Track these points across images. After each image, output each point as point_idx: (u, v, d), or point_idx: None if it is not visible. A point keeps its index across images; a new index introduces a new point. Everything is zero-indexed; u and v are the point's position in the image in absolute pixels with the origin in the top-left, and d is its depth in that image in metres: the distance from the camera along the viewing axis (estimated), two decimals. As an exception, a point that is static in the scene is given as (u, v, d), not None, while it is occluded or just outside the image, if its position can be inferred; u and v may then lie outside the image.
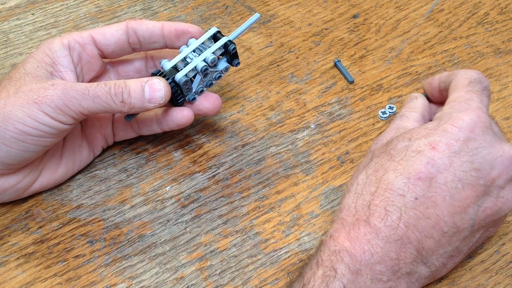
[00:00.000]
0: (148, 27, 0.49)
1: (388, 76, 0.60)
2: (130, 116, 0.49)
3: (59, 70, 0.46)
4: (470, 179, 0.40)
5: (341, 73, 0.59)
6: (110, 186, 0.51)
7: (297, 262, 0.47)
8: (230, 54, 0.50)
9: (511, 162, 0.42)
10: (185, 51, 0.49)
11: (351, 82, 0.59)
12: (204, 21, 0.63)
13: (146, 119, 0.51)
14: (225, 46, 0.50)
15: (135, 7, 0.64)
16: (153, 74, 0.49)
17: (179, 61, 0.49)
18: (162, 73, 0.49)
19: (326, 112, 0.57)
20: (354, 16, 0.64)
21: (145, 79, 0.46)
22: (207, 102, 0.50)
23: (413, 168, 0.40)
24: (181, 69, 0.49)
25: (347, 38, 0.63)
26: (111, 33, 0.48)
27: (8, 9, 0.63)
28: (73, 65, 0.47)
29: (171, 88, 0.48)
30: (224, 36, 0.50)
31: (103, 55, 0.50)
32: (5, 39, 0.61)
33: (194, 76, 0.49)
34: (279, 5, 0.65)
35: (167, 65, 0.49)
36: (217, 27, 0.62)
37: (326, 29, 0.63)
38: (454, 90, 0.45)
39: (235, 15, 0.64)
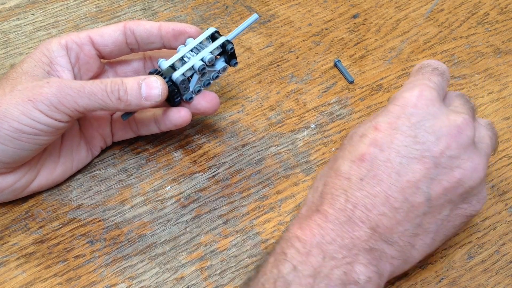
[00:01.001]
0: (146, 27, 0.49)
1: (388, 76, 0.60)
2: (127, 115, 0.49)
3: (56, 70, 0.46)
4: (415, 153, 0.40)
5: (341, 73, 0.59)
6: (110, 186, 0.51)
7: (297, 262, 0.47)
8: (228, 54, 0.50)
9: (458, 131, 0.41)
10: (182, 50, 0.49)
11: (351, 82, 0.59)
12: (204, 21, 0.63)
13: (144, 119, 0.51)
14: (223, 45, 0.50)
15: (135, 7, 0.64)
16: (151, 73, 0.49)
17: (177, 60, 0.49)
18: (160, 72, 0.49)
19: (326, 112, 0.57)
20: (354, 16, 0.64)
21: (142, 77, 0.46)
22: (204, 101, 0.50)
23: (357, 151, 0.41)
24: (178, 68, 0.49)
25: (347, 38, 0.63)
26: (108, 34, 0.48)
27: (8, 9, 0.63)
28: (70, 65, 0.47)
29: (168, 87, 0.48)
30: (222, 36, 0.50)
31: (101, 56, 0.50)
32: (5, 39, 0.61)
33: (192, 76, 0.49)
34: (279, 5, 0.65)
35: (165, 64, 0.49)
36: (217, 27, 0.62)
37: (326, 29, 0.63)
38: (410, 75, 0.46)
39: (235, 15, 0.64)
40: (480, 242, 0.49)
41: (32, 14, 0.63)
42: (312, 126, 0.56)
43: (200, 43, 0.50)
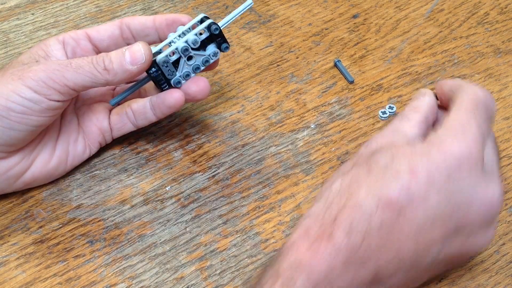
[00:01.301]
0: (140, 21, 0.50)
1: (388, 76, 0.60)
2: (116, 99, 0.50)
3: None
4: (443, 219, 0.38)
5: (341, 73, 0.59)
6: (110, 186, 0.51)
7: (297, 262, 0.47)
8: (215, 37, 0.50)
9: (491, 207, 0.39)
10: (171, 36, 0.50)
11: (351, 82, 0.59)
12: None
13: (139, 108, 0.51)
14: (209, 28, 0.50)
15: (135, 7, 0.64)
16: None
17: (164, 45, 0.49)
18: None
19: (326, 112, 0.57)
20: (354, 16, 0.64)
21: (126, 47, 0.47)
22: (194, 85, 0.50)
23: (386, 190, 0.38)
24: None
25: (347, 38, 0.63)
26: (104, 29, 0.50)
27: (8, 9, 0.63)
28: (66, 57, 0.48)
29: (155, 71, 0.48)
30: (209, 19, 0.50)
31: (98, 51, 0.50)
32: (5, 39, 0.61)
33: (178, 59, 0.49)
34: (279, 5, 0.65)
35: (153, 49, 0.49)
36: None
37: (326, 29, 0.63)
38: (457, 108, 0.41)
39: (235, 15, 0.64)
40: (480, 242, 0.49)
41: (32, 14, 0.63)
42: (312, 126, 0.56)
43: (189, 28, 0.50)
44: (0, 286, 0.46)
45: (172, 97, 0.49)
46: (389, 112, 0.56)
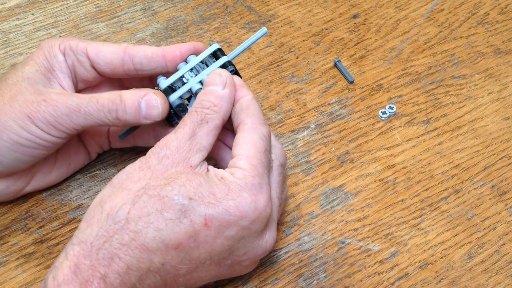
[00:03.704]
0: (147, 53, 0.46)
1: (388, 76, 0.60)
2: (125, 134, 0.48)
3: (58, 77, 0.46)
4: (221, 261, 0.40)
5: (341, 73, 0.59)
6: (110, 186, 0.51)
7: (297, 262, 0.47)
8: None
9: (263, 252, 0.42)
10: (182, 69, 0.47)
11: (351, 82, 0.59)
12: (204, 21, 0.63)
13: (144, 133, 0.50)
14: (224, 66, 0.47)
15: (135, 7, 0.64)
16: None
17: (176, 80, 0.46)
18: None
19: (326, 112, 0.57)
20: (354, 16, 0.64)
21: (142, 93, 0.44)
22: None
23: (176, 236, 0.37)
24: (177, 89, 0.46)
25: (347, 38, 0.62)
26: (104, 54, 0.46)
27: (8, 9, 0.63)
28: (69, 71, 0.47)
29: None
30: (224, 55, 0.47)
31: (96, 69, 0.48)
32: (5, 39, 0.61)
33: (189, 98, 0.47)
34: (279, 5, 0.65)
35: (163, 83, 0.46)
36: (217, 27, 0.62)
37: (326, 29, 0.63)
38: (248, 148, 0.41)
39: (235, 15, 0.64)
40: (480, 242, 0.49)
41: (32, 14, 0.63)
42: (312, 126, 0.56)
43: (201, 61, 0.47)
44: (0, 286, 0.46)
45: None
46: (389, 112, 0.56)
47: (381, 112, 0.56)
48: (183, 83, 0.46)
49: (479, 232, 0.50)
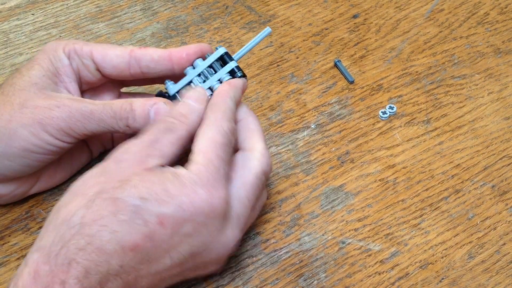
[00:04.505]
0: (153, 57, 0.46)
1: (388, 76, 0.60)
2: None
3: (63, 81, 0.46)
4: (181, 259, 0.40)
5: (341, 73, 0.59)
6: (110, 186, 0.51)
7: (298, 262, 0.47)
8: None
9: (226, 249, 0.42)
10: (190, 74, 0.47)
11: (351, 82, 0.59)
12: (204, 21, 0.63)
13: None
14: (232, 72, 0.47)
15: (135, 7, 0.64)
16: (158, 95, 0.47)
17: (185, 86, 0.46)
18: (167, 94, 0.47)
19: (326, 112, 0.57)
20: (354, 16, 0.64)
21: (152, 102, 0.44)
22: None
23: (131, 237, 0.37)
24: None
25: (347, 38, 0.63)
26: (110, 58, 0.46)
27: (8, 9, 0.63)
28: (74, 75, 0.46)
29: None
30: (231, 58, 0.47)
31: (101, 71, 0.48)
32: (5, 39, 0.61)
33: None
34: (279, 5, 0.65)
35: (172, 89, 0.47)
36: (217, 27, 0.62)
37: (326, 29, 0.63)
38: (205, 143, 0.41)
39: (235, 15, 0.64)
40: (481, 242, 0.49)
41: (32, 14, 0.63)
42: (312, 126, 0.56)
43: (209, 66, 0.47)
44: (0, 286, 0.46)
45: None
46: (389, 112, 0.56)
47: (381, 112, 0.56)
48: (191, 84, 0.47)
49: (480, 232, 0.50)
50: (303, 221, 0.50)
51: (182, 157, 0.43)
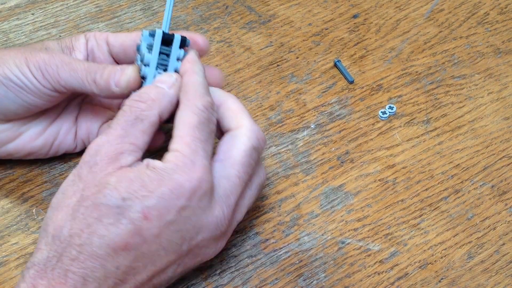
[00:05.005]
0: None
1: (388, 76, 0.60)
2: None
3: (75, 55, 0.48)
4: (174, 247, 0.40)
5: (341, 73, 0.59)
6: (110, 186, 0.51)
7: (297, 262, 0.47)
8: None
9: (218, 226, 0.41)
10: (149, 73, 0.45)
11: (351, 82, 0.59)
12: (204, 21, 0.63)
13: None
14: (182, 43, 0.45)
15: (135, 7, 0.64)
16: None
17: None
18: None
19: (326, 112, 0.57)
20: (354, 16, 0.64)
21: (125, 66, 0.45)
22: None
23: (119, 237, 0.38)
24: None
25: (347, 38, 0.63)
26: (121, 38, 0.49)
27: (8, 9, 0.63)
28: (87, 53, 0.49)
29: None
30: (172, 35, 0.45)
31: (112, 55, 0.50)
32: (5, 39, 0.61)
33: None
34: (279, 5, 0.65)
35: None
36: (217, 27, 0.62)
37: (326, 29, 0.63)
38: (180, 127, 0.41)
39: (235, 15, 0.64)
40: (480, 242, 0.49)
41: (32, 14, 0.63)
42: (312, 126, 0.56)
43: (161, 53, 0.45)
44: (0, 286, 0.46)
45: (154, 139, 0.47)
46: (389, 112, 0.56)
47: (381, 112, 0.56)
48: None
49: (479, 232, 0.50)
50: (303, 221, 0.50)
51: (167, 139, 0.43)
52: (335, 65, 0.60)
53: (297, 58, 0.61)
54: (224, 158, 0.43)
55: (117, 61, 0.50)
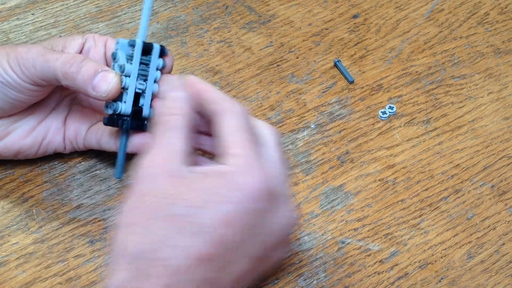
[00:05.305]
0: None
1: (388, 76, 0.60)
2: (118, 172, 0.47)
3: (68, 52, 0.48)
4: (256, 251, 0.39)
5: (341, 73, 0.59)
6: (110, 186, 0.51)
7: (297, 261, 0.47)
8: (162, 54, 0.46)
9: (288, 227, 0.41)
10: (131, 83, 0.45)
11: (351, 82, 0.59)
12: (204, 21, 0.63)
13: (109, 133, 0.49)
14: (162, 53, 0.46)
15: (135, 7, 0.64)
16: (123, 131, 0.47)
17: (133, 97, 0.45)
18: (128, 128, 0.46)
19: (326, 112, 0.57)
20: (354, 16, 0.65)
21: (106, 68, 0.45)
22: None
23: (203, 247, 0.37)
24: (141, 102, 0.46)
25: (347, 38, 0.63)
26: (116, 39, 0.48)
27: (8, 9, 0.63)
28: (80, 52, 0.48)
29: (135, 123, 0.46)
30: (151, 44, 0.45)
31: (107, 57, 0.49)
32: (5, 39, 0.61)
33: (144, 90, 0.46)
34: (279, 5, 0.65)
35: (126, 109, 0.45)
36: (217, 27, 0.62)
37: (326, 29, 0.63)
38: (231, 133, 0.41)
39: (235, 15, 0.64)
40: (480, 242, 0.49)
41: (32, 14, 0.63)
42: (312, 126, 0.56)
43: (141, 63, 0.45)
44: (0, 286, 0.46)
45: (140, 143, 0.47)
46: (389, 112, 0.56)
47: (381, 112, 0.56)
48: (143, 92, 0.46)
49: (479, 232, 0.50)
50: (303, 221, 0.50)
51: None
52: (335, 65, 0.60)
53: (297, 58, 0.61)
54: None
55: (109, 66, 0.48)
